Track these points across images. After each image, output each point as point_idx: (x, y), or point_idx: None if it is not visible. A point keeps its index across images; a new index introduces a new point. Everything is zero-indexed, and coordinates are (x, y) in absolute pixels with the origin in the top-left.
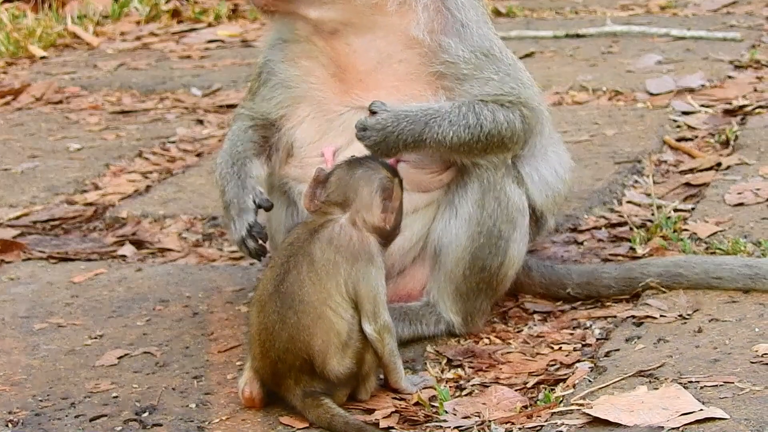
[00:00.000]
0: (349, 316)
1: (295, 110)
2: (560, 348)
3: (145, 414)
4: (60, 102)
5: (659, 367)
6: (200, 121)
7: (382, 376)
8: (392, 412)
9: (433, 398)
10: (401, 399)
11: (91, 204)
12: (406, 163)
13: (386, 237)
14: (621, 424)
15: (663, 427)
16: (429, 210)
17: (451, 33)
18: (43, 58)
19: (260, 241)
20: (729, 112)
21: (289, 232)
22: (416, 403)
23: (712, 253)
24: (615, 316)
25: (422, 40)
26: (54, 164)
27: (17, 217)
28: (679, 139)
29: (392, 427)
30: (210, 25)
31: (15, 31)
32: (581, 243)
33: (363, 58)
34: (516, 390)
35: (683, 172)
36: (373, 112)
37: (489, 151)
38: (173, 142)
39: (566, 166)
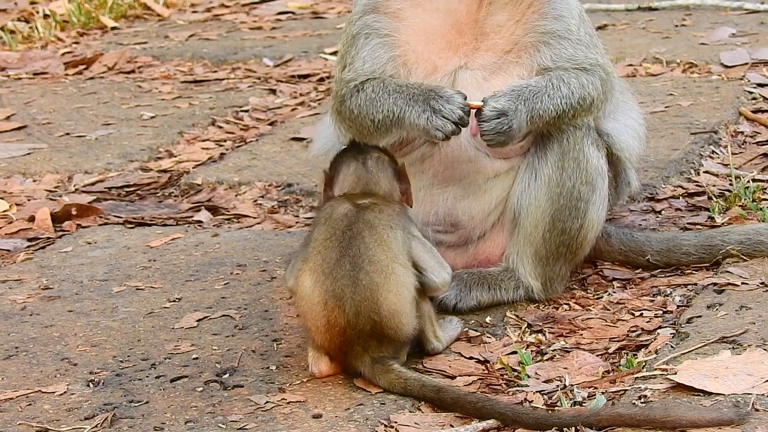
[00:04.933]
0: (414, 273)
1: (401, 66)
2: (641, 314)
3: (226, 375)
4: (132, 71)
5: (742, 333)
6: (273, 91)
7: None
8: (475, 379)
9: (516, 363)
10: (483, 363)
11: (165, 171)
12: None
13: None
14: (706, 391)
15: (750, 394)
16: (509, 175)
17: None
18: (114, 28)
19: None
20: None
21: (326, 209)
22: (499, 368)
23: None
24: (695, 284)
25: (541, 1)
26: (128, 132)
27: (92, 183)
28: (755, 111)
29: (474, 393)
30: None
31: (86, 2)
32: (659, 212)
33: (493, 18)
34: (597, 355)
35: (760, 143)
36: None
37: (578, 116)
38: (246, 111)
39: (639, 114)
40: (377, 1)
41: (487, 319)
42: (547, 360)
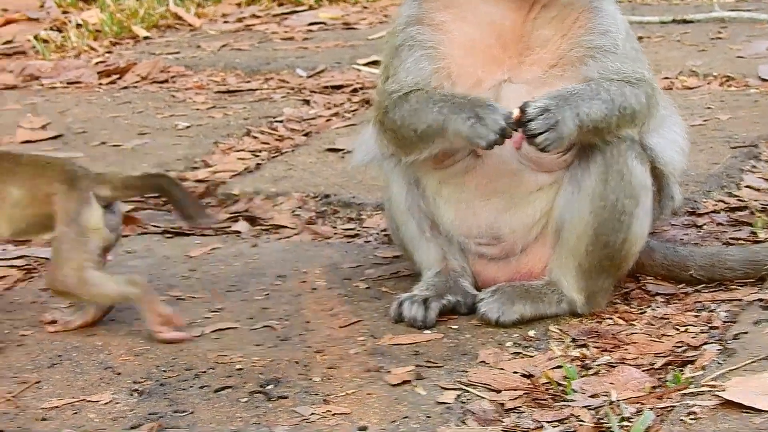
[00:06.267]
0: None
1: (444, 78)
2: (686, 330)
3: (270, 386)
4: (165, 81)
5: None
6: (306, 102)
7: None
8: (521, 393)
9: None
10: (528, 377)
11: (202, 181)
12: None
13: None
14: (755, 408)
15: None
16: (552, 188)
17: (607, 6)
18: (146, 38)
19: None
20: None
21: None
22: (544, 382)
23: None
24: (741, 300)
25: (587, 16)
26: (163, 141)
27: None
28: None
29: (519, 407)
30: (311, 7)
31: (118, 12)
32: (701, 227)
33: (538, 32)
34: (643, 371)
35: None
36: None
37: (621, 125)
38: (281, 122)
39: (683, 129)
40: (421, 13)
41: (531, 333)
42: (592, 375)
